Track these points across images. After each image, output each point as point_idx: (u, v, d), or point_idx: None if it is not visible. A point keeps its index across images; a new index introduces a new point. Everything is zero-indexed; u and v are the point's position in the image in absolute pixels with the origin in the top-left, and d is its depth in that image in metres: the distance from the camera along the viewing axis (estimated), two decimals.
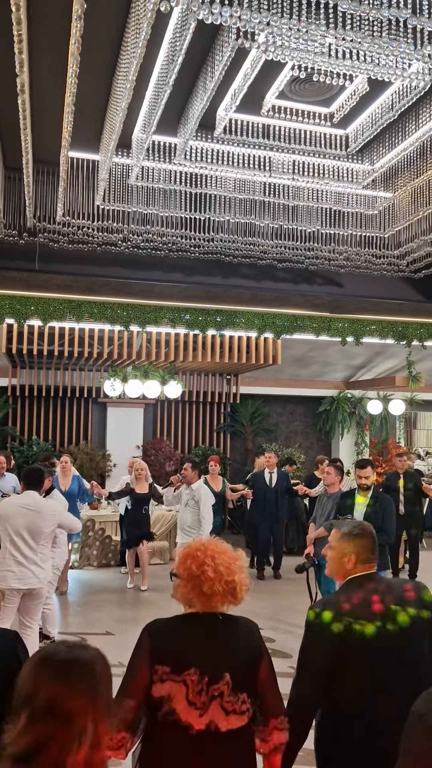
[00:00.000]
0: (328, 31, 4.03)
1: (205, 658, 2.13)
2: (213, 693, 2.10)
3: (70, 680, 1.37)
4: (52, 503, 5.34)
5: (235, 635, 2.24)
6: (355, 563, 2.53)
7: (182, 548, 2.35)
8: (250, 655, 2.21)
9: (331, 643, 2.35)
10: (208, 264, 8.74)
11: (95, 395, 13.08)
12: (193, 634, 2.21)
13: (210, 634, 2.21)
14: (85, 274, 8.42)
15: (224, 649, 2.18)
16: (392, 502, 6.17)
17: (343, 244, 8.49)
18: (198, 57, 5.18)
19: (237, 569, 2.26)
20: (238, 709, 2.11)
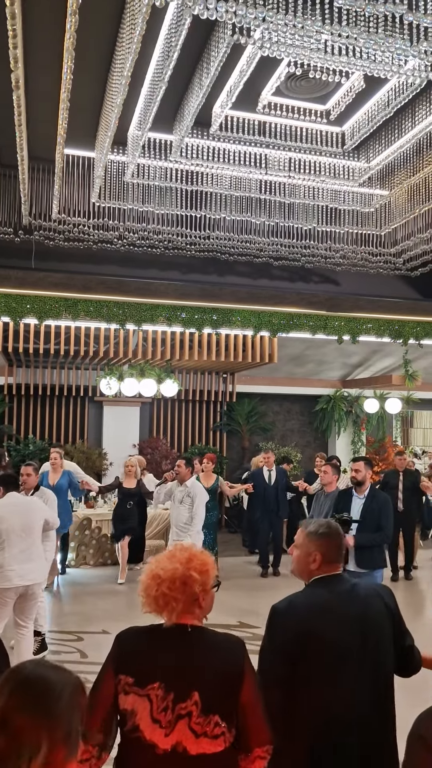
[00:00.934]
0: (323, 27, 4.01)
1: (171, 673, 1.97)
2: (180, 712, 1.94)
3: (27, 696, 1.33)
4: (35, 499, 5.50)
5: (211, 652, 2.06)
6: (320, 564, 2.45)
7: (150, 562, 2.19)
8: (227, 676, 2.00)
9: (290, 642, 2.29)
10: (204, 262, 8.72)
11: (91, 394, 13.05)
12: (160, 646, 2.06)
13: (178, 648, 2.04)
14: (81, 272, 8.39)
15: (193, 665, 2.01)
16: (390, 500, 6.16)
17: (340, 242, 8.48)
18: (193, 53, 5.15)
19: (195, 582, 2.09)
20: (209, 733, 1.93)
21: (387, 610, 2.43)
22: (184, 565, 2.08)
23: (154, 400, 13.27)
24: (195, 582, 2.06)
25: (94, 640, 6.28)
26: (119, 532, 8.66)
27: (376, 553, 5.71)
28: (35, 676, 1.37)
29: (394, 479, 9.42)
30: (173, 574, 2.06)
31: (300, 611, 2.35)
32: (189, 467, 7.11)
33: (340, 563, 2.52)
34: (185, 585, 2.05)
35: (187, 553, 2.13)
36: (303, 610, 2.35)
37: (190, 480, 7.07)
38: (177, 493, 7.03)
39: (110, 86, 5.42)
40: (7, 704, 1.31)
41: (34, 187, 7.21)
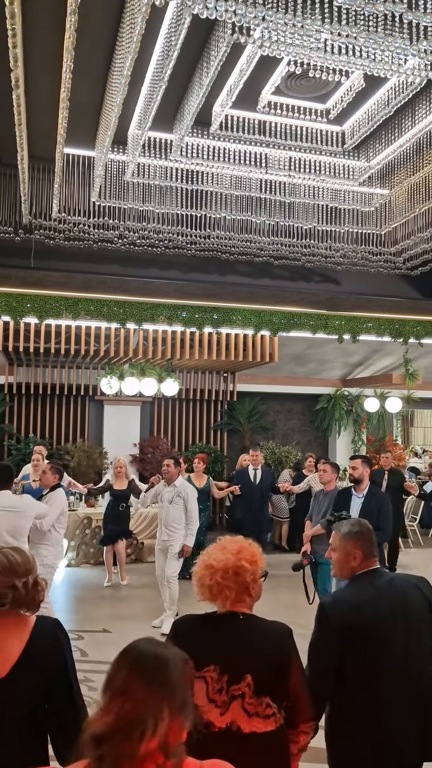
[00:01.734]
0: (323, 26, 4.01)
1: (225, 656, 2.14)
2: (234, 693, 2.11)
3: (146, 669, 1.48)
4: (24, 500, 5.42)
5: (260, 637, 2.23)
6: (361, 560, 2.60)
7: (199, 562, 2.34)
8: (276, 661, 2.19)
9: (340, 637, 2.42)
10: (204, 261, 8.72)
11: (92, 393, 13.05)
12: (214, 632, 2.23)
13: (231, 634, 2.22)
14: (82, 272, 8.40)
15: (246, 650, 2.18)
16: (389, 499, 6.16)
17: (340, 241, 8.48)
18: (193, 52, 5.15)
19: (245, 571, 2.26)
20: (261, 713, 2.11)
21: (426, 601, 2.56)
22: (235, 555, 2.25)
23: (155, 399, 13.27)
24: (246, 572, 2.23)
25: (95, 639, 6.29)
26: (113, 534, 8.54)
27: None
28: (150, 651, 1.52)
29: (379, 478, 9.44)
30: (225, 564, 2.23)
31: (346, 605, 2.50)
32: (177, 467, 7.09)
33: (377, 558, 2.68)
34: (237, 575, 2.22)
35: (237, 545, 2.30)
36: (349, 604, 2.50)
37: (178, 480, 7.04)
38: (165, 493, 6.99)
39: (110, 85, 5.42)
40: (128, 677, 1.46)
41: (34, 187, 7.21)
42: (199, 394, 13.92)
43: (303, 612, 4.63)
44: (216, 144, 6.51)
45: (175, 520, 6.89)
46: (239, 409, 14.26)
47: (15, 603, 2.12)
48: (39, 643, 2.17)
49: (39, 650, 2.15)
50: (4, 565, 2.15)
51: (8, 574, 2.14)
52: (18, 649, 2.13)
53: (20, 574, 2.15)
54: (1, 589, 2.11)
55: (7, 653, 2.11)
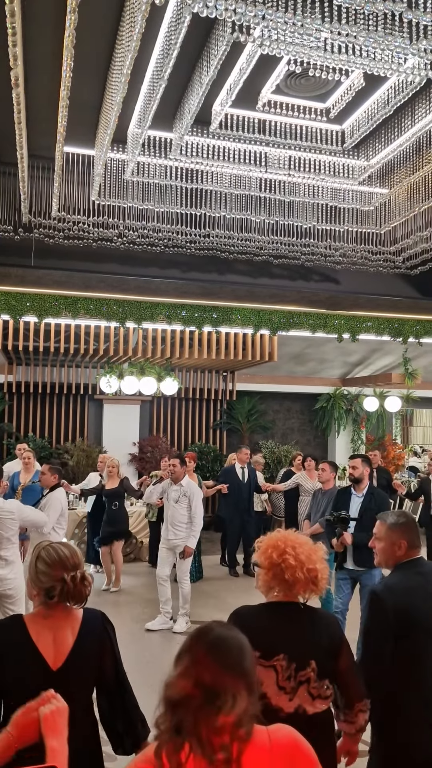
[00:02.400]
0: (323, 25, 4.01)
1: (293, 645, 2.24)
2: (300, 679, 2.22)
3: (222, 653, 1.51)
4: (8, 504, 5.21)
5: (318, 625, 2.35)
6: (406, 549, 2.75)
7: (264, 540, 2.46)
8: (332, 645, 2.32)
9: (392, 623, 2.57)
10: (204, 260, 8.72)
11: (91, 392, 13.05)
12: (280, 621, 2.32)
13: (295, 622, 2.32)
14: (81, 270, 8.39)
15: (309, 637, 2.30)
16: (388, 498, 6.16)
17: (340, 241, 8.47)
18: (193, 51, 5.15)
19: (317, 559, 2.37)
20: (323, 694, 2.24)
21: None
22: (315, 553, 2.39)
23: (154, 398, 13.28)
24: (323, 574, 2.37)
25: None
26: (108, 535, 8.37)
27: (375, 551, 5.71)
28: (225, 635, 1.57)
29: None
30: (302, 559, 2.34)
31: (397, 592, 2.65)
32: (183, 466, 7.10)
33: (420, 547, 2.82)
34: (312, 569, 2.34)
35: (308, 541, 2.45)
36: (399, 591, 2.65)
37: (185, 479, 7.06)
38: (172, 492, 7.01)
39: (110, 84, 5.42)
40: (207, 654, 1.50)
41: (34, 185, 7.20)
42: (198, 394, 13.92)
43: None
44: (215, 143, 6.51)
45: (181, 519, 6.92)
46: (238, 408, 14.26)
47: (63, 596, 2.23)
48: (90, 634, 2.28)
49: (90, 641, 2.26)
50: (53, 559, 2.26)
51: (57, 567, 2.25)
52: (71, 640, 2.23)
53: (69, 568, 2.25)
54: (51, 581, 2.23)
55: (60, 645, 2.21)
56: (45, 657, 2.17)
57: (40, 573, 2.26)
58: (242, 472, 9.55)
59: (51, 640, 2.21)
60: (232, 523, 9.51)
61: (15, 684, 2.12)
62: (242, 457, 9.65)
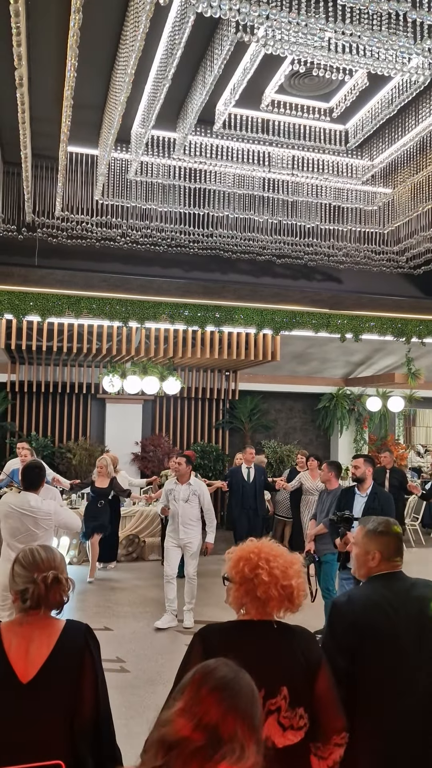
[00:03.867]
0: (327, 25, 4.01)
1: (262, 669, 1.92)
2: (270, 708, 1.96)
3: (232, 699, 1.37)
4: (48, 506, 5.11)
5: (292, 646, 2.09)
6: (379, 561, 2.49)
7: (235, 551, 2.22)
8: (308, 667, 2.06)
9: (349, 635, 2.33)
10: (206, 259, 8.72)
11: (94, 391, 13.06)
12: (248, 643, 2.06)
13: (266, 644, 2.08)
14: (84, 270, 8.40)
15: (281, 660, 2.04)
16: (392, 498, 6.16)
17: (343, 240, 8.47)
18: (197, 51, 5.15)
19: (294, 573, 2.14)
20: (295, 725, 1.98)
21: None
22: (291, 567, 2.15)
23: (157, 397, 13.28)
24: (299, 590, 2.14)
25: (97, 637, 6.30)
26: (89, 530, 8.58)
27: None
28: (235, 677, 1.42)
29: (381, 477, 9.44)
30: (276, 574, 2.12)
31: (357, 605, 2.40)
32: (189, 465, 7.13)
33: (399, 561, 2.54)
34: (288, 586, 2.11)
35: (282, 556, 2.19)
36: (360, 605, 2.40)
37: (192, 478, 7.10)
38: (180, 492, 7.03)
39: (114, 84, 5.42)
40: (210, 700, 1.34)
41: (38, 185, 7.22)
42: (200, 393, 13.93)
43: (306, 611, 4.63)
44: (219, 142, 6.51)
45: (192, 517, 6.96)
46: (241, 407, 14.26)
47: (35, 600, 2.10)
48: (68, 647, 2.08)
49: (68, 655, 2.07)
50: (28, 561, 2.18)
51: (31, 569, 2.15)
52: (45, 652, 2.05)
53: (42, 570, 2.15)
54: (24, 584, 2.12)
55: (34, 656, 2.04)
56: (14, 668, 2.00)
57: (16, 575, 2.16)
58: (248, 472, 9.58)
59: (24, 651, 2.03)
60: (239, 522, 9.56)
61: None
62: (247, 457, 9.67)
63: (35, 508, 4.93)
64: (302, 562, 2.24)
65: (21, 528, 4.90)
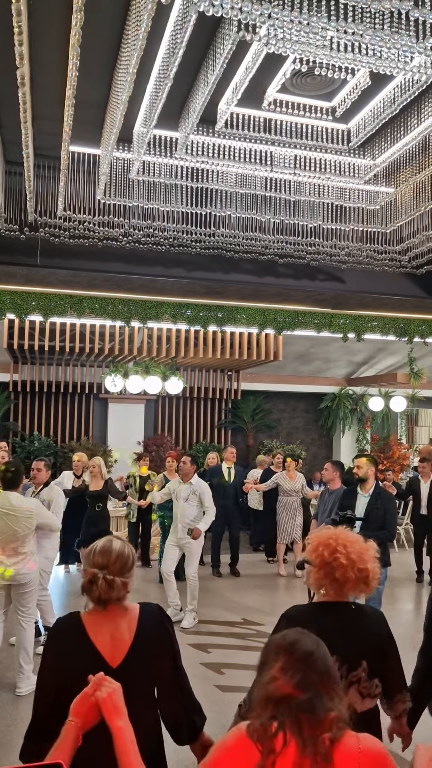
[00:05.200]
0: (329, 24, 3.99)
1: (344, 646, 2.20)
2: (352, 679, 2.22)
3: (316, 662, 1.65)
4: (28, 503, 5.25)
5: (368, 624, 2.35)
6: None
7: (313, 537, 2.46)
8: (381, 644, 2.33)
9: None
10: (209, 259, 8.71)
11: (96, 391, 13.07)
12: (331, 622, 2.28)
13: (347, 623, 2.31)
14: (86, 269, 8.40)
15: (360, 637, 2.29)
16: (393, 498, 6.16)
17: (345, 240, 8.45)
18: (199, 50, 5.14)
19: (369, 558, 2.37)
20: (372, 693, 2.25)
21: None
22: (366, 552, 2.42)
23: (159, 397, 13.29)
24: (374, 574, 2.38)
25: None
26: (90, 537, 7.94)
27: (380, 551, 5.69)
28: (314, 646, 1.70)
29: None
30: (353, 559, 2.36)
31: None
32: (194, 465, 7.14)
33: None
34: (364, 569, 2.36)
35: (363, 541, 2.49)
36: None
37: (194, 478, 7.11)
38: (182, 491, 7.04)
39: (116, 83, 5.42)
40: (302, 665, 1.64)
41: (40, 184, 7.21)
42: (203, 393, 13.93)
43: None
44: (221, 142, 6.50)
45: (190, 517, 6.96)
46: (243, 407, 14.26)
47: (94, 599, 2.22)
48: (148, 630, 2.24)
49: (149, 637, 2.22)
50: (86, 555, 2.37)
51: (87, 563, 2.33)
52: (128, 637, 2.19)
53: (95, 566, 2.28)
54: (85, 580, 2.25)
55: (118, 642, 2.18)
56: (103, 655, 2.15)
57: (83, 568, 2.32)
58: (228, 472, 9.48)
59: (108, 638, 2.18)
60: (216, 522, 9.35)
61: (75, 683, 2.07)
62: (228, 457, 9.58)
63: (16, 506, 5.06)
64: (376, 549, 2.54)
65: (3, 527, 4.99)
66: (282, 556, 9.63)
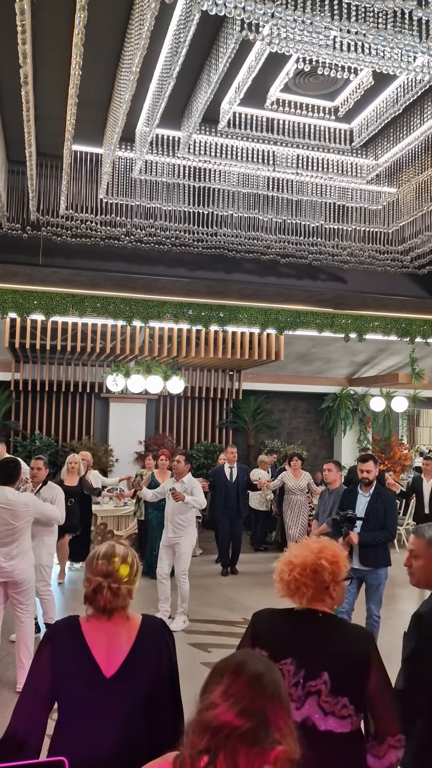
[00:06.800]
0: (332, 23, 3.99)
1: (303, 652, 2.15)
2: (310, 689, 2.11)
3: (266, 688, 1.44)
4: (24, 497, 5.33)
5: (339, 637, 2.22)
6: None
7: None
8: (355, 662, 2.15)
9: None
10: (211, 259, 8.71)
11: (98, 390, 13.08)
12: (292, 627, 2.24)
13: (308, 630, 2.22)
14: (88, 269, 8.40)
15: (324, 648, 2.17)
16: (394, 498, 6.15)
17: (347, 240, 8.45)
18: (202, 49, 5.14)
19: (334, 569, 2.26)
20: (337, 713, 2.08)
21: None
22: (315, 553, 2.26)
23: (161, 397, 13.29)
24: (324, 570, 2.22)
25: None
26: (59, 530, 8.21)
27: (381, 551, 5.70)
28: (265, 669, 1.49)
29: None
30: (304, 561, 2.25)
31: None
32: (188, 463, 7.12)
33: None
34: (315, 572, 2.23)
35: (319, 544, 2.31)
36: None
37: (187, 476, 7.08)
38: (175, 489, 7.02)
39: (118, 82, 5.42)
40: (249, 691, 1.42)
41: (42, 183, 7.21)
42: (204, 392, 13.93)
43: None
44: (223, 141, 6.50)
45: (182, 516, 6.92)
46: (244, 407, 14.26)
47: (97, 608, 2.19)
48: (146, 642, 2.18)
49: (146, 650, 2.16)
50: (87, 560, 2.29)
51: (88, 570, 2.25)
52: (126, 648, 2.14)
53: (96, 573, 2.21)
54: (85, 587, 2.21)
55: (115, 652, 2.12)
56: (99, 663, 2.10)
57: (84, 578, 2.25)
58: (230, 472, 9.50)
59: (105, 646, 2.13)
60: (221, 523, 9.46)
61: (68, 687, 2.06)
62: (229, 457, 9.60)
63: (12, 501, 5.11)
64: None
65: (0, 522, 5.03)
66: None
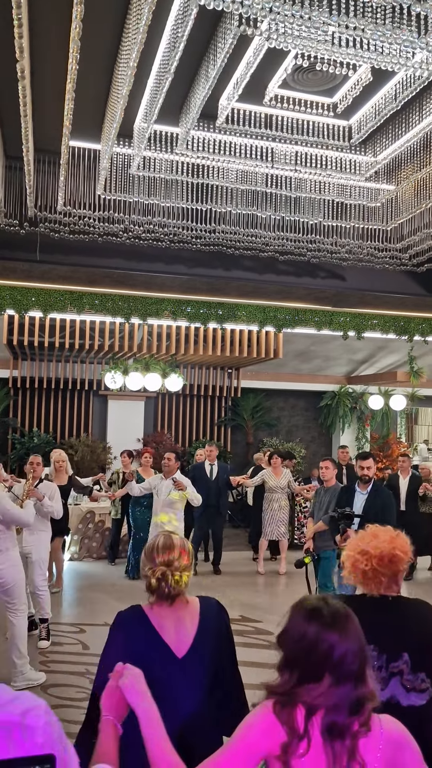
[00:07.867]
0: (331, 19, 3.97)
1: (382, 637, 2.25)
2: (393, 670, 2.24)
3: (345, 622, 1.68)
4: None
5: (411, 617, 2.36)
6: None
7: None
8: (429, 638, 2.30)
9: None
10: (209, 256, 8.70)
11: (96, 387, 13.07)
12: (369, 614, 2.28)
13: (384, 616, 2.34)
14: (86, 265, 8.38)
15: (401, 630, 2.30)
16: (392, 495, 6.14)
17: (346, 237, 8.43)
18: (200, 44, 5.12)
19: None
20: (418, 687, 2.24)
21: None
22: (389, 543, 2.38)
23: (159, 394, 13.28)
24: (400, 561, 2.37)
25: (96, 632, 6.30)
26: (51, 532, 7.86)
27: None
28: (335, 610, 1.71)
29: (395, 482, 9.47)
30: (381, 551, 2.35)
31: None
32: (179, 461, 7.12)
33: None
34: (392, 562, 2.35)
35: (389, 534, 2.43)
36: None
37: (177, 473, 7.09)
38: (163, 486, 7.02)
39: (116, 77, 5.40)
40: (330, 635, 1.64)
41: (40, 179, 7.19)
42: (203, 390, 13.92)
43: None
44: (222, 138, 6.48)
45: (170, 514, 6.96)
46: (243, 405, 14.25)
47: (159, 595, 2.33)
48: (209, 622, 2.34)
49: (210, 629, 2.32)
50: (145, 550, 2.45)
51: (146, 559, 2.42)
52: (192, 629, 2.29)
53: (154, 562, 2.38)
54: (144, 573, 2.37)
55: (182, 634, 2.29)
56: (169, 645, 2.25)
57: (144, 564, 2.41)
58: (210, 469, 9.38)
59: (173, 629, 2.28)
60: (199, 522, 9.22)
61: (144, 670, 2.09)
62: (210, 454, 9.48)
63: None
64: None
65: None
66: (263, 553, 9.60)
